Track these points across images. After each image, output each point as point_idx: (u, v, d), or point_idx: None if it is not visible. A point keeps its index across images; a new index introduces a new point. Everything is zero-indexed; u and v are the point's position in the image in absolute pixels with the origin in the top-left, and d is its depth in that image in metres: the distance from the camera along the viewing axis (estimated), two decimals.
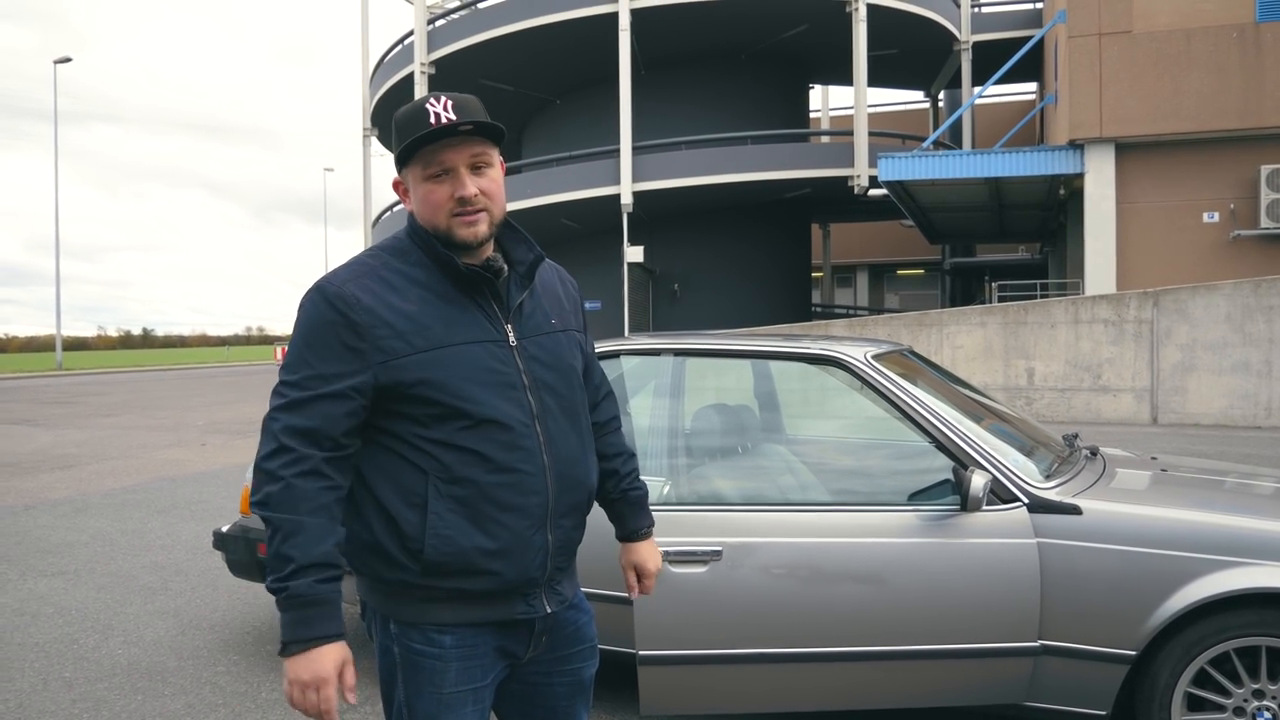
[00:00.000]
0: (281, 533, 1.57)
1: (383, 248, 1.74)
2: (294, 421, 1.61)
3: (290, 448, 1.59)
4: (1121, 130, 16.15)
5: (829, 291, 35.22)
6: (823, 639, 2.88)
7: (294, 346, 1.67)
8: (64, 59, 37.56)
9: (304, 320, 1.66)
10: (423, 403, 1.63)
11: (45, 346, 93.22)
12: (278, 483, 1.58)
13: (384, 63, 27.90)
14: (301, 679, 1.57)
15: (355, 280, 1.66)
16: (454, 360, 1.64)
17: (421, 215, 1.71)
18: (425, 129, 1.64)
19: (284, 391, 1.64)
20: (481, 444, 1.64)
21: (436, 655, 1.67)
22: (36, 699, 3.74)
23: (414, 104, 1.68)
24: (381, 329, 1.62)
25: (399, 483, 1.65)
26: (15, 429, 14.69)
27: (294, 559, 1.56)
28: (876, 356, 3.32)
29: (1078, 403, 13.83)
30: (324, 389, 1.61)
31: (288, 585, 1.56)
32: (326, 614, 1.58)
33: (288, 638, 1.57)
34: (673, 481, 3.23)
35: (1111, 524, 2.83)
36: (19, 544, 6.48)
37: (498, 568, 1.66)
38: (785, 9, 22.34)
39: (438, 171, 1.67)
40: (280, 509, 1.57)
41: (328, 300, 1.64)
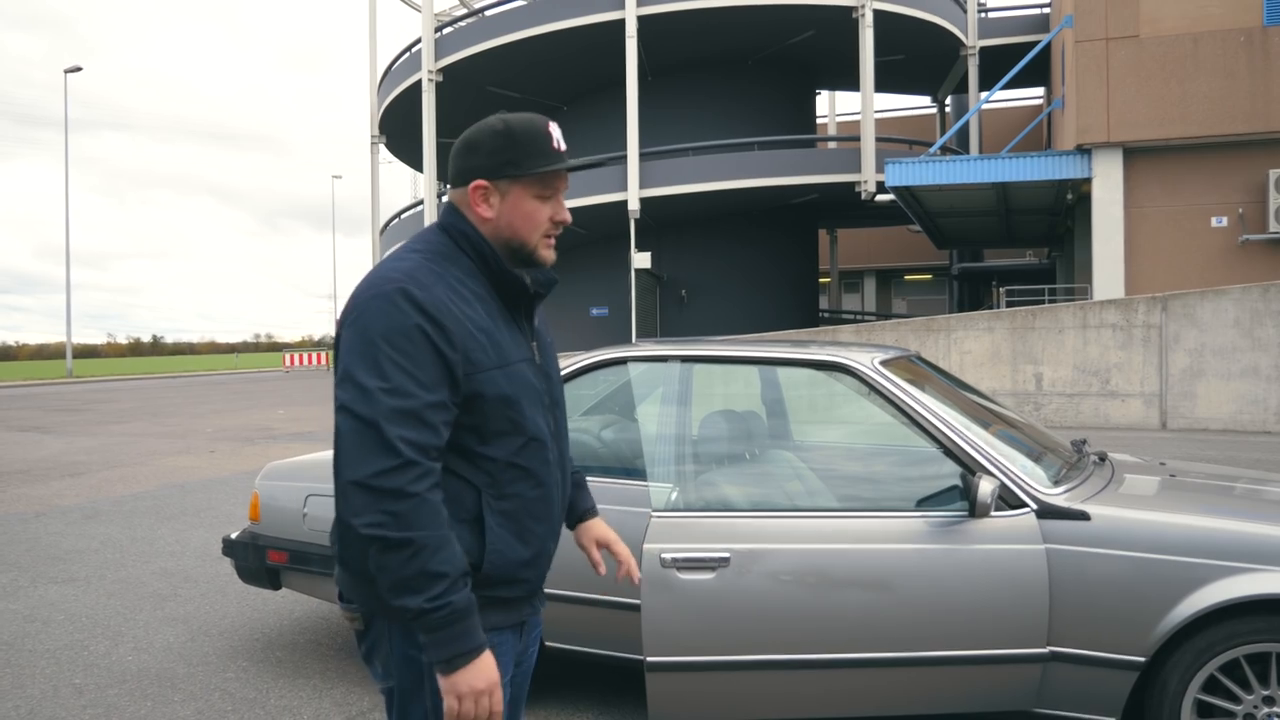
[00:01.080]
0: (428, 549, 1.51)
1: (429, 252, 1.69)
2: (410, 433, 1.54)
3: (416, 461, 1.53)
4: (1129, 135, 16.12)
5: (836, 297, 35.22)
6: (831, 645, 2.88)
7: (378, 350, 1.56)
8: (74, 68, 37.77)
9: (390, 323, 1.56)
10: (491, 418, 1.63)
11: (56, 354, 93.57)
12: (409, 499, 1.52)
13: (392, 70, 28.00)
14: (476, 687, 1.56)
15: (437, 285, 1.61)
16: (516, 377, 1.67)
17: (512, 229, 1.71)
18: (552, 153, 1.69)
19: (388, 400, 1.54)
20: (529, 460, 1.68)
21: None
22: (47, 705, 3.76)
23: (532, 121, 1.71)
24: (470, 339, 1.61)
25: (452, 497, 1.63)
26: (26, 436, 14.76)
27: (448, 574, 1.53)
28: (884, 362, 3.32)
29: (1086, 408, 13.80)
30: (429, 397, 1.56)
31: (450, 600, 1.52)
32: (478, 620, 1.58)
33: (454, 651, 1.54)
34: (680, 488, 3.23)
35: (1120, 530, 2.82)
36: (30, 551, 6.51)
37: (529, 576, 1.72)
38: (792, 15, 22.38)
39: (549, 194, 1.73)
40: (419, 526, 1.52)
41: (416, 304, 1.57)
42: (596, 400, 4.42)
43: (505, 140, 1.69)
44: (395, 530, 1.51)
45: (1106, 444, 5.40)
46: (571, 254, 26.18)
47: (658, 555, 2.90)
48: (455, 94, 24.67)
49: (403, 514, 1.51)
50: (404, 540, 1.51)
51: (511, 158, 1.68)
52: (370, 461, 1.52)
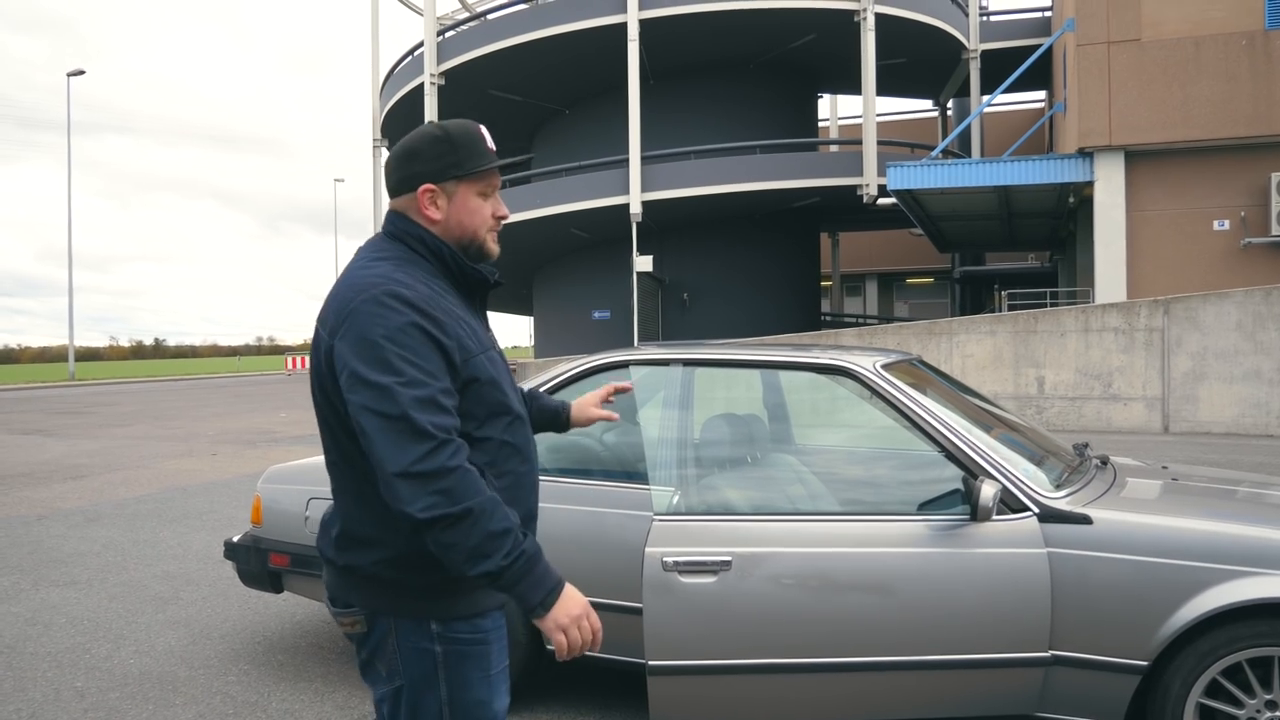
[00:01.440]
0: (485, 513, 1.58)
1: (394, 256, 1.76)
2: (433, 417, 1.61)
3: (449, 439, 1.61)
4: (1131, 138, 16.12)
5: (838, 300, 35.20)
6: (832, 649, 2.88)
7: (383, 351, 1.62)
8: (77, 71, 37.84)
9: (386, 324, 1.63)
10: (485, 401, 1.73)
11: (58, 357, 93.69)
12: (452, 474, 1.58)
13: (394, 74, 28.04)
14: (574, 613, 1.64)
15: (417, 284, 1.70)
16: (495, 361, 1.78)
17: (462, 227, 1.81)
18: (487, 154, 1.80)
19: (407, 392, 1.60)
20: (517, 437, 1.80)
21: (482, 639, 1.74)
22: (49, 709, 3.76)
23: (467, 125, 1.82)
24: (459, 327, 1.71)
25: None
26: (29, 439, 14.77)
27: (510, 528, 1.60)
28: (886, 366, 3.32)
29: (1088, 411, 13.79)
30: (439, 384, 1.64)
31: (522, 550, 1.60)
32: (546, 560, 1.66)
33: (543, 592, 1.62)
34: (682, 491, 3.23)
35: (1122, 533, 2.82)
36: (32, 553, 6.51)
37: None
38: (793, 19, 22.40)
39: (488, 191, 1.83)
40: (470, 495, 1.58)
41: (407, 302, 1.65)
42: None
43: (446, 145, 1.78)
44: (450, 506, 1.57)
45: (1109, 448, 5.40)
46: (573, 257, 26.21)
47: (659, 559, 2.90)
48: (457, 97, 24.69)
49: (452, 489, 1.58)
50: (463, 511, 1.57)
51: (454, 160, 1.78)
52: (408, 451, 1.58)
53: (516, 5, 25.04)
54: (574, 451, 3.88)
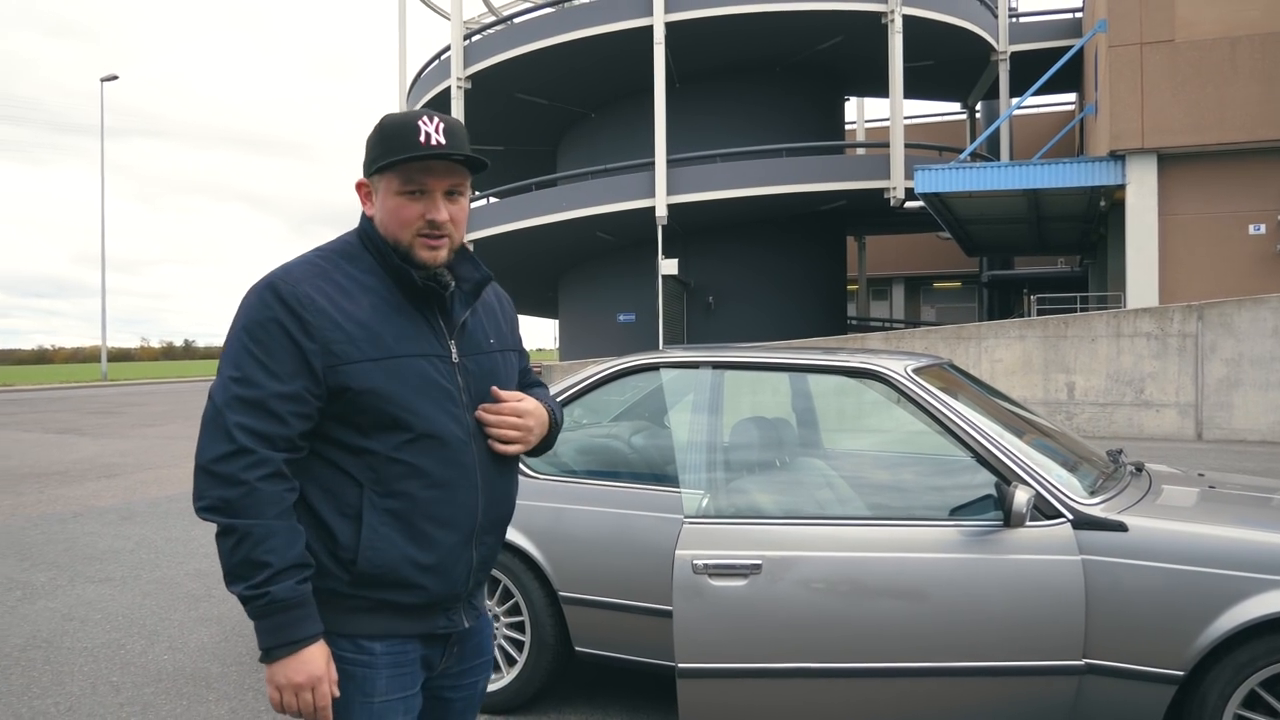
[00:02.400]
0: (251, 539, 1.52)
1: (332, 250, 1.72)
2: (249, 421, 1.55)
3: (250, 449, 1.54)
4: (1164, 141, 15.94)
5: (864, 304, 35.03)
6: (863, 654, 2.87)
7: (238, 342, 1.60)
8: (110, 77, 38.34)
9: (251, 316, 1.60)
10: (366, 412, 1.61)
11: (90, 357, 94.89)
12: (239, 486, 1.53)
13: (421, 77, 28.19)
14: (295, 681, 1.55)
15: (308, 279, 1.63)
16: (402, 371, 1.63)
17: (385, 227, 1.69)
18: (414, 146, 1.63)
19: (235, 389, 1.57)
20: (420, 458, 1.63)
21: (367, 663, 1.65)
22: (86, 702, 3.81)
23: (405, 115, 1.68)
24: (333, 331, 1.59)
25: (332, 491, 1.63)
26: (63, 438, 14.96)
27: (271, 564, 1.53)
28: (917, 370, 3.30)
29: (1119, 418, 13.64)
30: (278, 387, 1.56)
31: (269, 590, 1.52)
32: (309, 613, 1.57)
33: (273, 642, 1.55)
34: (711, 494, 3.23)
35: (1158, 541, 2.79)
36: (67, 550, 6.60)
37: (427, 582, 1.66)
38: (820, 21, 22.32)
39: (415, 190, 1.66)
40: (245, 514, 1.53)
41: (279, 297, 1.59)
42: (626, 406, 4.44)
43: (376, 136, 1.68)
44: (224, 516, 1.53)
45: (1141, 455, 5.32)
46: (599, 260, 26.23)
47: (690, 561, 2.90)
48: (484, 101, 24.78)
49: (232, 501, 1.53)
50: (230, 526, 1.53)
51: (375, 154, 1.67)
52: (211, 447, 1.56)
53: (543, 9, 25.11)
54: (603, 454, 3.89)
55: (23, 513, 8.15)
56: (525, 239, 23.90)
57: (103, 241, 38.36)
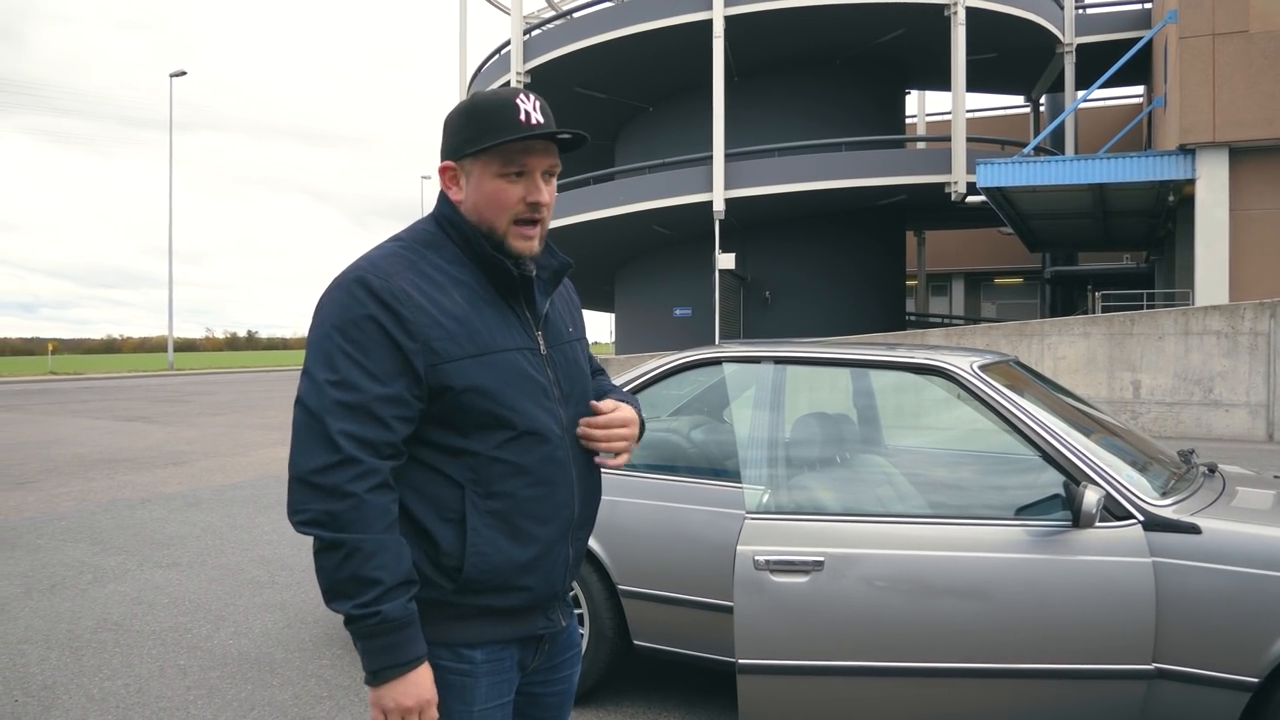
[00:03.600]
0: (361, 554, 1.43)
1: (414, 239, 1.61)
2: (353, 428, 1.46)
3: (358, 459, 1.45)
4: (1236, 134, 15.50)
5: (923, 300, 34.60)
6: (926, 654, 2.83)
7: (330, 342, 1.49)
8: (179, 73, 39.20)
9: (344, 314, 1.49)
10: (468, 411, 1.52)
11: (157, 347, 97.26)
12: (346, 499, 1.44)
13: (481, 71, 28.43)
14: (404, 705, 1.47)
15: (400, 273, 1.52)
16: (501, 367, 1.55)
17: (480, 212, 1.59)
18: (515, 125, 1.54)
19: (334, 393, 1.46)
20: (522, 456, 1.56)
21: (467, 671, 1.58)
22: (154, 684, 3.91)
23: (500, 94, 1.58)
24: (433, 328, 1.50)
25: (431, 496, 1.54)
26: (132, 426, 15.36)
27: (383, 580, 1.44)
28: (983, 367, 3.25)
29: (1187, 417, 13.31)
30: (380, 390, 1.47)
31: (380, 609, 1.44)
32: (418, 633, 1.49)
33: (383, 664, 1.46)
34: (773, 490, 3.21)
35: (1233, 544, 2.72)
36: (136, 535, 6.78)
37: (530, 583, 1.59)
38: (881, 13, 22.07)
39: (516, 171, 1.57)
40: (354, 528, 1.44)
41: (373, 293, 1.49)
42: (685, 401, 4.43)
43: (467, 117, 1.58)
44: (330, 530, 1.44)
45: (1210, 455, 5.19)
46: (655, 254, 26.25)
47: (751, 557, 2.89)
48: (543, 95, 24.16)
49: (339, 514, 1.44)
50: (337, 541, 1.44)
51: (470, 135, 1.57)
52: (312, 456, 1.46)
53: (602, 3, 25.15)
54: (662, 448, 3.89)
55: (94, 498, 8.38)
56: (582, 233, 23.99)
57: (170, 236, 39.32)
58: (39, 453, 11.72)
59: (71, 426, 15.24)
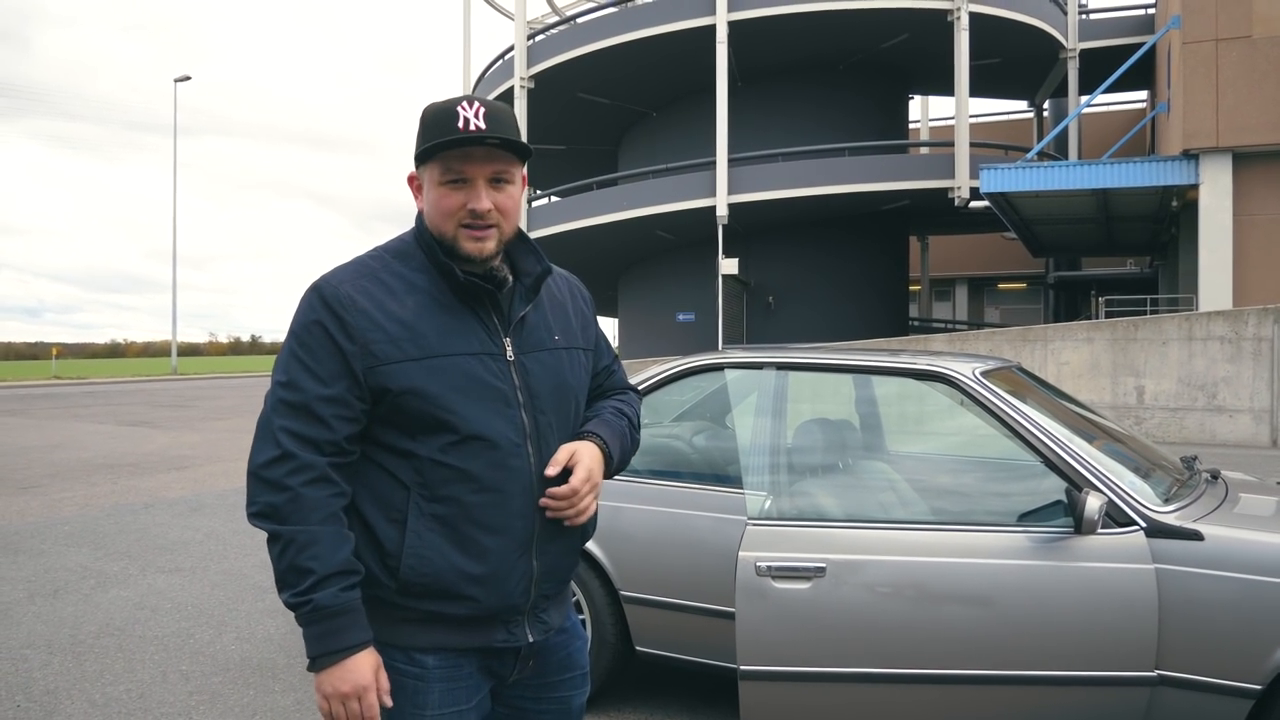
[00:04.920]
0: (295, 545, 1.49)
1: (386, 249, 1.68)
2: (293, 425, 1.53)
3: (293, 454, 1.52)
4: (1239, 139, 15.49)
5: (927, 305, 34.57)
6: (929, 660, 2.83)
7: (287, 347, 1.59)
8: (184, 77, 39.30)
9: (298, 319, 1.59)
10: (409, 413, 1.56)
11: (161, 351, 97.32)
12: (283, 492, 1.51)
13: (485, 77, 28.47)
14: (341, 690, 1.51)
15: (352, 280, 1.59)
16: (446, 371, 1.56)
17: (430, 220, 1.63)
18: (452, 132, 1.55)
19: (280, 393, 1.56)
20: (467, 461, 1.56)
21: (418, 675, 1.59)
22: (157, 690, 3.91)
23: (445, 102, 1.60)
24: (373, 331, 1.55)
25: (380, 496, 1.58)
26: (136, 430, 15.38)
27: (314, 570, 1.49)
28: (985, 373, 3.25)
29: (1190, 423, 13.29)
30: (321, 391, 1.54)
31: (311, 598, 1.49)
32: (356, 621, 1.52)
33: (318, 650, 1.51)
34: (774, 496, 3.21)
35: (1236, 551, 2.71)
36: (139, 540, 6.78)
37: (476, 593, 1.58)
38: (885, 19, 22.07)
39: (455, 179, 1.59)
40: (290, 520, 1.50)
41: (323, 299, 1.57)
42: (687, 406, 4.43)
43: (419, 127, 1.61)
44: (271, 522, 1.51)
45: (1214, 461, 5.16)
46: (658, 259, 26.25)
47: (753, 563, 2.89)
48: (546, 100, 24.94)
49: (278, 506, 1.51)
50: (276, 533, 1.51)
51: (420, 144, 1.60)
52: (260, 452, 1.54)
53: (606, 9, 25.20)
54: (664, 453, 3.89)
55: (97, 503, 8.40)
56: (586, 238, 23.99)
57: (174, 240, 39.41)
58: (42, 457, 11.74)
59: (75, 431, 15.26)
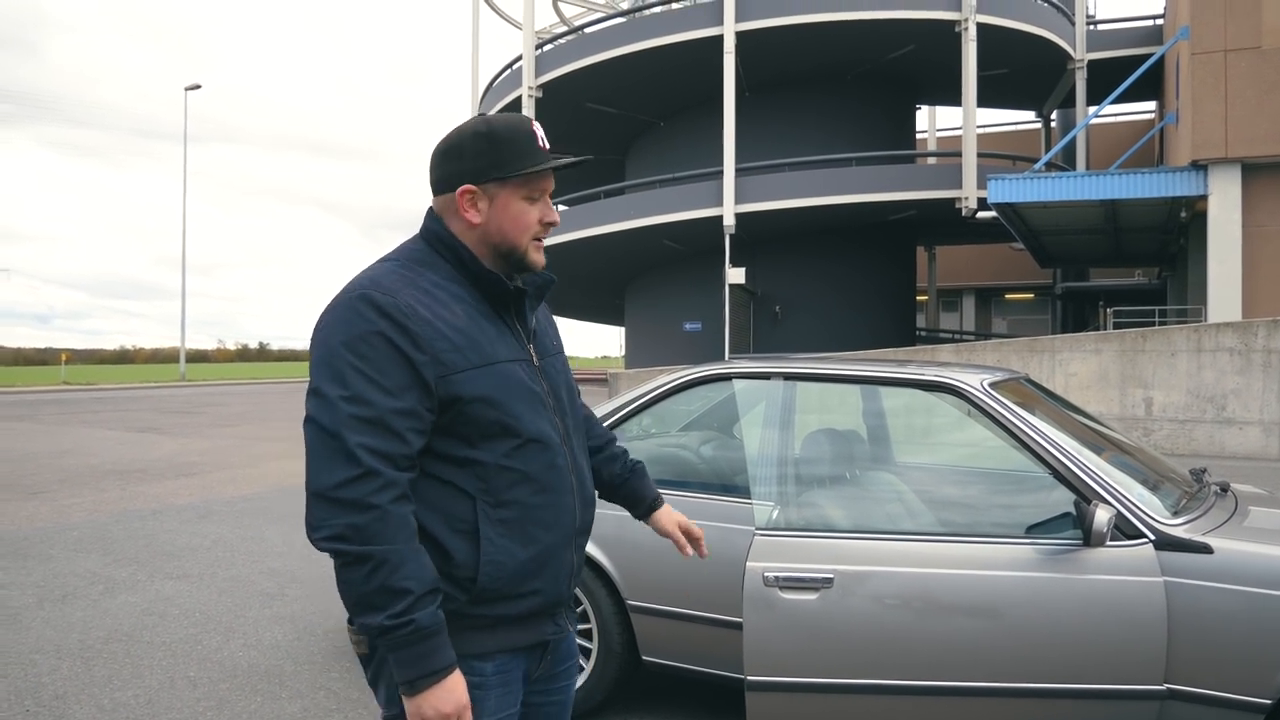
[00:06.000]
0: (388, 565, 1.45)
1: (409, 258, 1.66)
2: (372, 441, 1.48)
3: (377, 470, 1.47)
4: (1248, 150, 15.48)
5: (934, 315, 34.54)
6: (936, 672, 2.82)
7: (340, 359, 1.51)
8: (194, 86, 39.48)
9: (350, 330, 1.52)
10: (475, 421, 1.57)
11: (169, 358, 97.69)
12: (368, 511, 1.45)
13: (493, 86, 28.58)
14: (444, 711, 1.48)
15: (404, 290, 1.56)
16: (503, 377, 1.60)
17: (503, 233, 1.66)
18: (539, 153, 1.64)
19: (348, 408, 1.48)
20: (527, 464, 1.61)
21: (477, 684, 1.59)
22: (164, 696, 3.92)
23: (516, 121, 1.66)
24: (440, 340, 1.54)
25: (442, 508, 1.57)
26: (144, 436, 15.43)
27: (412, 590, 1.46)
28: (993, 384, 3.25)
29: (1199, 435, 13.24)
30: (393, 404, 1.49)
31: (413, 618, 1.45)
32: (447, 641, 1.50)
33: (419, 672, 1.47)
34: (782, 506, 3.21)
35: (1245, 565, 2.70)
36: (147, 546, 6.80)
37: (539, 587, 1.63)
38: (892, 29, 22.11)
39: (536, 195, 1.67)
40: (377, 540, 1.45)
41: (379, 309, 1.52)
42: (694, 416, 4.43)
43: (487, 143, 1.64)
44: (355, 544, 1.45)
45: (1224, 473, 5.13)
46: (666, 269, 26.28)
47: (760, 573, 2.89)
48: (555, 110, 25.02)
49: (363, 527, 1.45)
50: (364, 555, 1.45)
51: (495, 160, 1.63)
52: (332, 472, 1.47)
53: (614, 19, 25.29)
54: (671, 463, 3.89)
55: (106, 509, 8.42)
56: (593, 247, 24.04)
57: (184, 248, 39.52)
58: (51, 463, 11.78)
59: (84, 437, 15.31)
